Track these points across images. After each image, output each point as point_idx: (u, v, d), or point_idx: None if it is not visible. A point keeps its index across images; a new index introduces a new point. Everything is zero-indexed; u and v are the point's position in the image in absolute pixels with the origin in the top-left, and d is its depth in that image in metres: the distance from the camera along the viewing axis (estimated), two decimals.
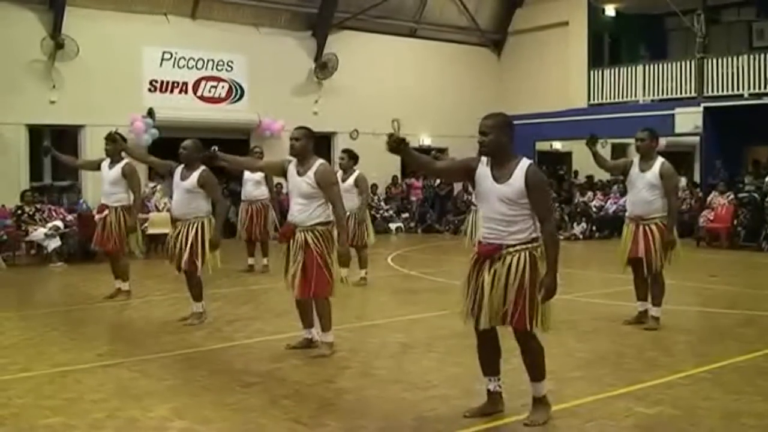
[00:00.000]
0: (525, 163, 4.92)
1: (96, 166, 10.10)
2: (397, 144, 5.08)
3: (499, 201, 4.91)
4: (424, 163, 5.57)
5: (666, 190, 7.78)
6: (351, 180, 10.86)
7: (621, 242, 8.21)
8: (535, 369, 5.06)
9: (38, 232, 14.32)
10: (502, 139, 4.94)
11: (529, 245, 4.89)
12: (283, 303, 8.59)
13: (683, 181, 17.74)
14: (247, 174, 12.60)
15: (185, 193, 8.26)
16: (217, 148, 7.27)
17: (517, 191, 4.86)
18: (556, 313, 5.10)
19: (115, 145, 9.80)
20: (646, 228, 7.83)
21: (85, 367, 6.61)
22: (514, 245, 4.87)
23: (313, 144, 6.90)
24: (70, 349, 7.34)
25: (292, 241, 6.77)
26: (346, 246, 6.87)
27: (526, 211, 4.88)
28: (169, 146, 9.99)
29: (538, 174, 4.92)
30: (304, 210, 6.73)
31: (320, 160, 6.79)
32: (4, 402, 5.60)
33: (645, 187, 7.86)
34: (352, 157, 11.04)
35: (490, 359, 5.12)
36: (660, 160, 7.86)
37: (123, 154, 9.90)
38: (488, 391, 5.16)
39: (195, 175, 8.18)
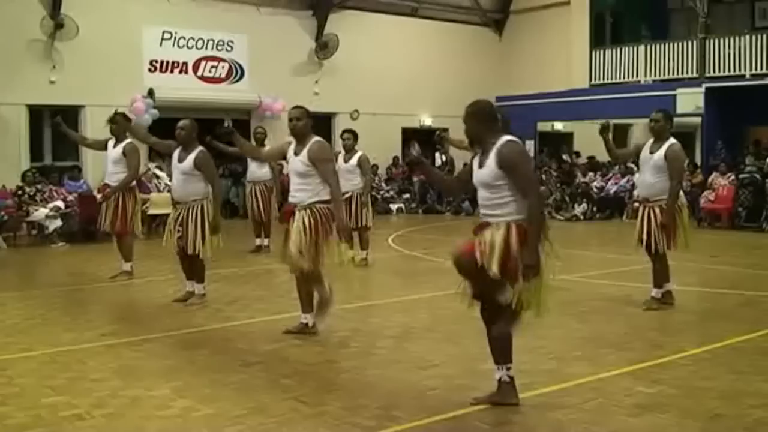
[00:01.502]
0: (500, 142, 4.81)
1: (103, 145, 10.14)
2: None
3: (481, 186, 4.90)
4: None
5: (669, 173, 7.71)
6: (354, 160, 10.85)
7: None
8: (496, 352, 4.98)
9: (39, 213, 14.34)
10: (477, 127, 4.91)
11: (511, 217, 4.79)
12: (285, 283, 8.61)
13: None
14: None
15: (182, 174, 8.25)
16: (231, 124, 7.28)
17: (493, 174, 4.79)
18: (555, 295, 5.08)
19: (118, 125, 9.82)
20: (651, 210, 7.82)
21: (87, 347, 6.63)
22: (507, 221, 4.80)
23: (311, 123, 6.88)
24: (72, 328, 7.37)
25: (291, 220, 6.77)
26: (344, 221, 6.83)
27: (507, 193, 4.78)
28: (169, 126, 9.95)
29: (508, 149, 4.76)
30: (302, 189, 6.73)
31: (315, 138, 6.78)
32: (6, 381, 5.63)
33: (650, 169, 7.84)
34: (356, 137, 11.05)
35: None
36: (669, 142, 7.80)
37: (127, 134, 9.92)
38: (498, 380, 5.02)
39: (191, 157, 8.17)
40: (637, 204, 8.21)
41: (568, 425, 4.66)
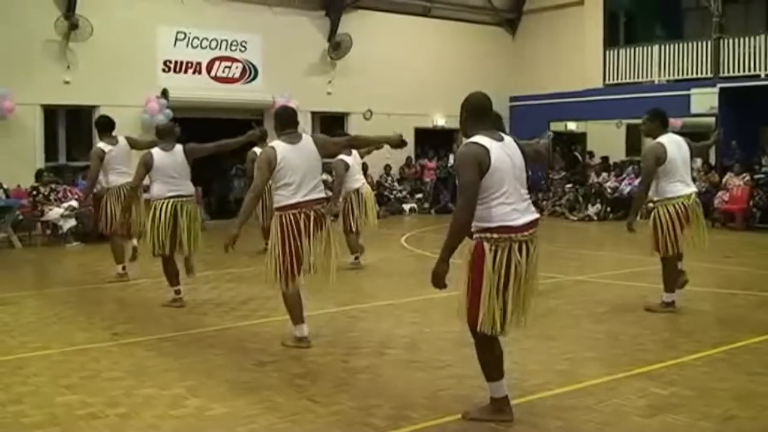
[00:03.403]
0: (466, 140, 4.62)
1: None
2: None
3: None
4: None
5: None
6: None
7: None
8: (482, 368, 4.74)
9: (54, 212, 14.42)
10: (461, 118, 4.79)
11: (478, 234, 4.55)
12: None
13: (698, 162, 17.60)
14: None
15: None
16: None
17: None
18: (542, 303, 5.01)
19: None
20: (653, 211, 7.77)
21: (101, 346, 6.67)
22: (473, 233, 4.57)
23: (277, 122, 6.63)
24: (86, 328, 7.41)
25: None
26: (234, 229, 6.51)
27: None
28: (183, 127, 10.01)
29: (459, 151, 4.57)
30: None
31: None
32: (22, 380, 5.66)
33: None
34: None
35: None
36: (654, 142, 7.71)
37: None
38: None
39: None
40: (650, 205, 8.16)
41: (582, 426, 4.65)
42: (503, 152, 4.56)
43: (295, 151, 6.42)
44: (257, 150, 12.49)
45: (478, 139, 4.55)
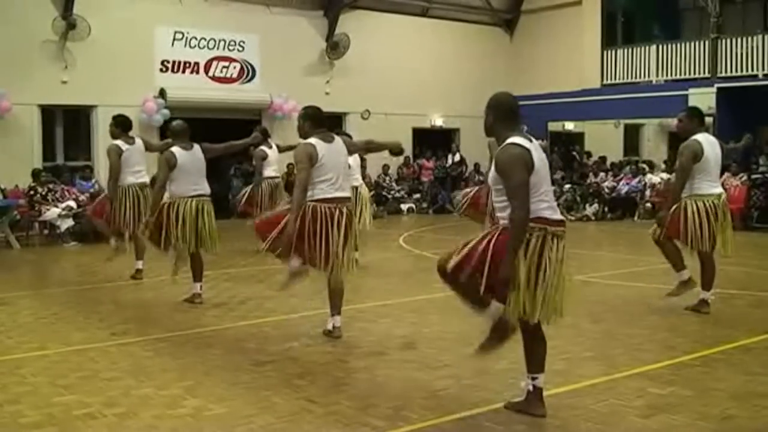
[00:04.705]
0: (505, 142, 4.58)
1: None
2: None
3: (491, 185, 4.79)
4: None
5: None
6: None
7: None
8: (529, 359, 4.81)
9: (52, 212, 14.41)
10: (488, 119, 4.75)
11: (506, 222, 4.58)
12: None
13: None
14: (271, 155, 12.65)
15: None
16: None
17: (493, 175, 4.63)
18: (567, 297, 4.95)
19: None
20: (683, 204, 7.66)
21: (99, 346, 6.66)
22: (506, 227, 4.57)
23: (311, 122, 6.69)
24: (84, 327, 7.40)
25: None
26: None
27: (505, 198, 4.56)
28: None
29: (504, 153, 4.53)
30: None
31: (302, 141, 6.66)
32: (19, 380, 5.66)
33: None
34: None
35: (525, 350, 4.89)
36: (691, 138, 7.63)
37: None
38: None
39: None
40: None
41: (580, 426, 4.65)
42: (539, 153, 4.61)
43: (331, 150, 6.59)
44: (264, 148, 12.51)
45: (518, 140, 4.57)
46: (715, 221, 7.62)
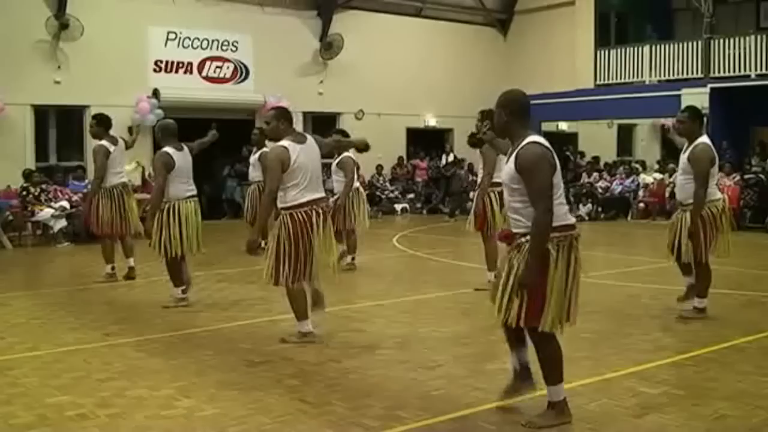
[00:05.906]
0: (526, 141, 4.48)
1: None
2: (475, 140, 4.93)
3: (504, 185, 4.70)
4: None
5: (693, 176, 7.29)
6: (335, 162, 10.65)
7: None
8: (545, 370, 4.70)
9: (45, 213, 14.38)
10: (501, 117, 4.64)
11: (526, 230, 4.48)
12: None
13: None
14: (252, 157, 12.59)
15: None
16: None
17: (510, 175, 4.50)
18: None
19: None
20: (683, 215, 7.48)
21: (92, 347, 6.65)
22: (524, 234, 4.49)
23: (287, 122, 6.57)
24: (77, 328, 7.38)
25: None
26: (252, 235, 6.61)
27: (524, 198, 4.46)
28: None
29: (528, 152, 4.41)
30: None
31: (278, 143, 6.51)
32: (12, 381, 5.64)
33: (681, 171, 7.55)
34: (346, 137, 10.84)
35: (510, 336, 4.86)
36: (697, 142, 7.38)
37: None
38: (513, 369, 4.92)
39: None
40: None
41: (572, 426, 4.65)
42: (553, 152, 4.57)
43: (304, 151, 6.45)
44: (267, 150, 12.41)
45: (539, 139, 4.53)
46: (717, 231, 7.45)
